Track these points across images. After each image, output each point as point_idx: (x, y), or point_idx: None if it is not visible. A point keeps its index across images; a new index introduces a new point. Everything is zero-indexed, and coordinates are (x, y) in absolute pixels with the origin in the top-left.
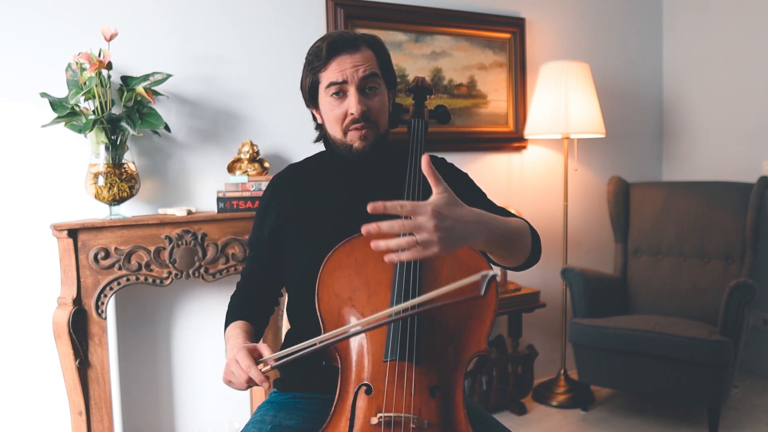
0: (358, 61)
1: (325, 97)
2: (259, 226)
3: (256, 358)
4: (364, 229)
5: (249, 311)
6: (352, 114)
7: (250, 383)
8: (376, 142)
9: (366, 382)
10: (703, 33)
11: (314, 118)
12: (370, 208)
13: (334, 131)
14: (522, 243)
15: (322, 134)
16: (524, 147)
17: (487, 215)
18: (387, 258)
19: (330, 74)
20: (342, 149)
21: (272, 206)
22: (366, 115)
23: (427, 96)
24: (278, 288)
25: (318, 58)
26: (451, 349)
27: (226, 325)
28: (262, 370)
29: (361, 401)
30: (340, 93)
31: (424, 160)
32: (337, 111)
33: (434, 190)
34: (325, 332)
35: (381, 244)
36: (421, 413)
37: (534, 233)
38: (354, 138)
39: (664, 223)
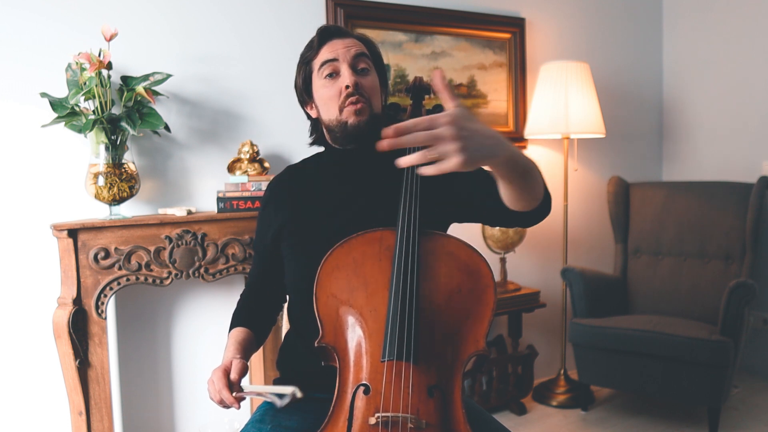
0: (349, 43)
1: (319, 80)
2: (259, 230)
3: (235, 379)
4: (384, 143)
5: (251, 314)
6: (347, 87)
7: (224, 404)
8: (371, 120)
9: (364, 382)
10: (703, 33)
11: (308, 117)
12: (384, 138)
13: (330, 113)
14: (536, 180)
15: (317, 131)
16: (524, 147)
17: (504, 137)
18: (422, 170)
19: (322, 56)
20: (337, 131)
21: (270, 209)
22: (359, 88)
23: (426, 96)
24: (282, 289)
25: (310, 47)
26: (450, 349)
27: (230, 328)
28: (234, 395)
29: (360, 401)
30: (333, 73)
31: (438, 75)
32: (332, 90)
33: (450, 104)
34: (323, 333)
35: (402, 161)
36: (419, 413)
37: (543, 181)
38: (349, 114)
39: (664, 223)
